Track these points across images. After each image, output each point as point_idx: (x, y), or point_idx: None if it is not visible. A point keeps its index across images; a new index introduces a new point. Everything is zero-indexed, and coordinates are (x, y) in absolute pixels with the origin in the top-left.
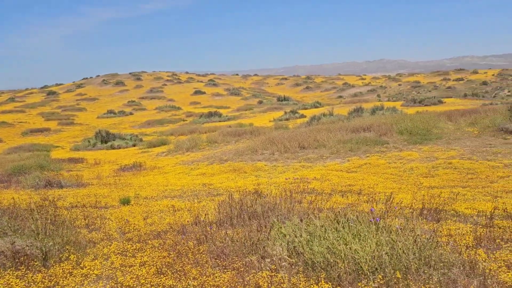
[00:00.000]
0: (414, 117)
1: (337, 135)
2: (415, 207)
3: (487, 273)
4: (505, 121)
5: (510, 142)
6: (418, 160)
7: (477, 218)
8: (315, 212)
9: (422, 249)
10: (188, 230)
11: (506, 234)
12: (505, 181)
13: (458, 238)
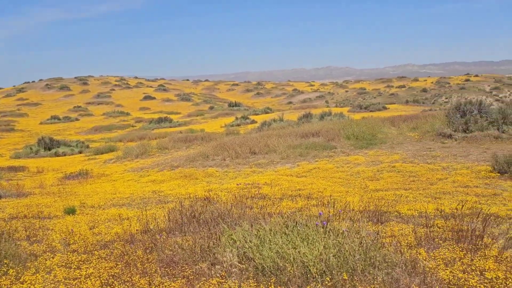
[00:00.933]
0: (360, 122)
1: (287, 140)
2: (361, 210)
3: (427, 271)
4: (443, 126)
5: (447, 146)
6: (364, 164)
7: (418, 219)
8: (266, 217)
9: (367, 251)
10: (136, 239)
11: (444, 233)
12: (443, 182)
13: (401, 238)
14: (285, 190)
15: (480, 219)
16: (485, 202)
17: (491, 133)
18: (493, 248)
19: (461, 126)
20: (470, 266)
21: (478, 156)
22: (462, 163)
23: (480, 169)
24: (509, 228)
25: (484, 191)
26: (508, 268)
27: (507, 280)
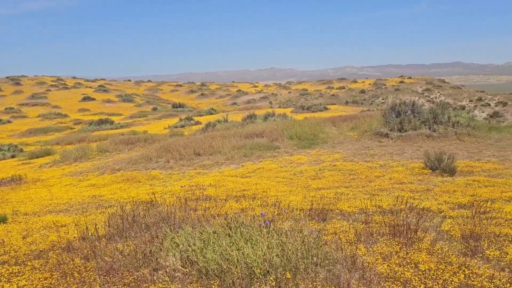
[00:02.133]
0: (303, 123)
1: (232, 141)
2: (304, 208)
3: (366, 266)
4: (380, 126)
5: (384, 145)
6: (307, 164)
7: (358, 215)
8: (210, 219)
9: (309, 249)
10: (74, 246)
11: (382, 228)
12: (380, 180)
13: (342, 235)
14: (230, 191)
15: (414, 213)
16: (418, 198)
17: (423, 132)
18: (426, 241)
19: (396, 126)
20: (405, 259)
21: (412, 154)
22: (398, 160)
23: (414, 166)
24: (440, 222)
25: (418, 187)
26: (439, 259)
27: (438, 270)
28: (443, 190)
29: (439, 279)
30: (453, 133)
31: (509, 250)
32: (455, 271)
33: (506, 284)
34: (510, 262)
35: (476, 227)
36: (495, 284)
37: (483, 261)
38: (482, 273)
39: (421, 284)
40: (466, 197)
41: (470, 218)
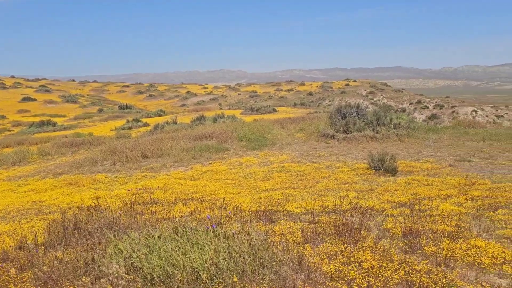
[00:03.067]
0: (252, 124)
1: (181, 143)
2: (253, 210)
3: (312, 267)
4: (326, 128)
5: (330, 146)
6: (256, 165)
7: (306, 216)
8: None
9: (256, 251)
10: (10, 256)
11: (328, 228)
12: (327, 180)
13: (289, 236)
14: (178, 194)
15: (359, 213)
16: (363, 197)
17: (367, 133)
18: (370, 240)
19: (342, 127)
20: (350, 258)
21: (357, 154)
22: (344, 161)
23: (358, 167)
24: (383, 220)
25: (362, 187)
26: (381, 257)
27: (381, 268)
28: (386, 189)
29: (381, 276)
30: (394, 135)
31: (444, 245)
32: (396, 268)
33: (442, 278)
34: (445, 257)
35: (415, 224)
36: (432, 279)
37: (422, 257)
38: (420, 269)
39: (364, 283)
40: (406, 196)
41: (410, 216)
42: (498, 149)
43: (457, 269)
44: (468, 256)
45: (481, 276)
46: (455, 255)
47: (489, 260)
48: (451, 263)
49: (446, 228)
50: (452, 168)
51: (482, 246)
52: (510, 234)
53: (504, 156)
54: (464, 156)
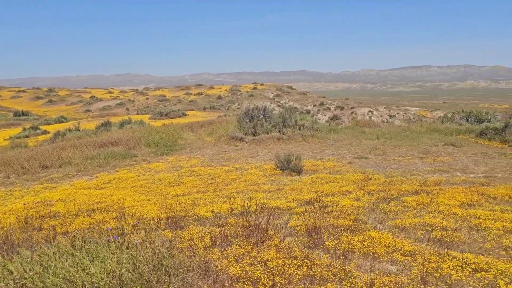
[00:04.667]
0: (161, 129)
1: (85, 151)
2: (161, 217)
3: (219, 270)
4: (235, 131)
5: (240, 148)
6: (166, 171)
7: (215, 219)
8: (53, 238)
9: (162, 259)
10: None
11: (237, 230)
12: (237, 183)
13: (198, 241)
14: (82, 205)
15: (266, 213)
16: (271, 197)
17: (274, 135)
18: (276, 239)
19: (250, 130)
20: (256, 259)
21: (265, 156)
22: (252, 163)
23: (266, 168)
24: (289, 218)
25: (270, 187)
26: (286, 255)
27: (285, 266)
28: (292, 188)
29: (285, 274)
30: (299, 135)
31: (344, 239)
32: (299, 264)
33: (340, 270)
34: (344, 250)
35: (318, 221)
36: (332, 272)
37: (324, 251)
38: (321, 263)
39: (269, 281)
40: (311, 194)
41: (314, 213)
42: (390, 146)
43: (355, 260)
44: (364, 247)
45: (375, 265)
46: (353, 247)
47: (382, 249)
48: (350, 255)
49: (346, 222)
50: (351, 166)
51: (376, 237)
52: (400, 224)
53: (395, 152)
54: (362, 153)
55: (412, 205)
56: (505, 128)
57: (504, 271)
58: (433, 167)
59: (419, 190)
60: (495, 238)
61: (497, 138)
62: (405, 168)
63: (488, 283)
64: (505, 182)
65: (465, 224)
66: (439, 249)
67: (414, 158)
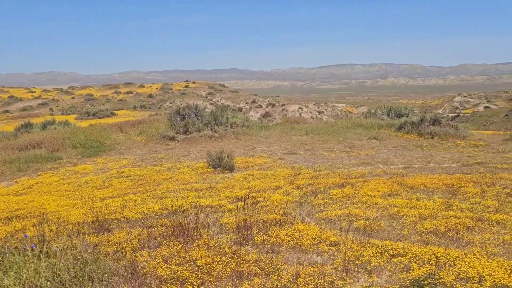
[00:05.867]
0: (88, 130)
1: (2, 154)
2: (88, 221)
3: (147, 272)
4: (166, 130)
5: (171, 148)
6: (93, 173)
7: (145, 221)
8: None
9: (85, 265)
10: None
11: (167, 230)
12: (168, 182)
13: (126, 244)
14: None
15: (198, 211)
16: (202, 196)
17: (206, 133)
18: (206, 237)
19: (182, 128)
20: (185, 258)
21: (197, 154)
22: (184, 162)
23: (198, 166)
24: (220, 216)
25: (202, 186)
26: (215, 252)
27: (214, 263)
28: (224, 186)
29: (214, 271)
30: (231, 133)
31: (273, 233)
32: (228, 261)
33: (268, 264)
34: (273, 244)
35: (249, 217)
36: (260, 266)
37: (253, 247)
38: (250, 258)
39: (197, 280)
40: (243, 190)
41: (245, 209)
42: (319, 141)
43: (282, 253)
44: (292, 240)
45: (302, 257)
46: (281, 241)
47: (309, 241)
48: (278, 248)
49: (276, 217)
50: (282, 161)
51: (303, 230)
52: (326, 216)
53: (323, 147)
54: (292, 149)
55: (338, 197)
56: (420, 122)
57: (418, 255)
58: (357, 160)
59: (344, 183)
60: (411, 224)
61: (414, 132)
62: (332, 162)
63: (404, 267)
64: (421, 172)
65: (386, 213)
66: (361, 238)
67: (341, 152)
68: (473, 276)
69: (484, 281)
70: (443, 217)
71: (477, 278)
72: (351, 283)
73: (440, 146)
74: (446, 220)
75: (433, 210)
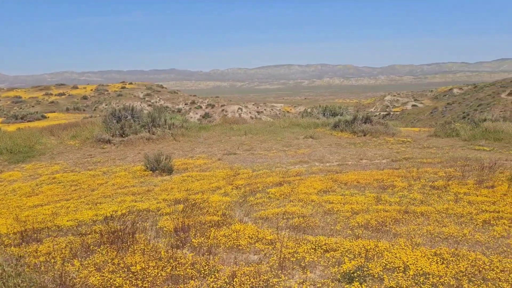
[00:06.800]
0: (15, 134)
1: None
2: (14, 232)
3: (77, 282)
4: (101, 132)
5: (107, 151)
6: (22, 180)
7: (78, 228)
8: None
9: (7, 279)
10: None
11: (102, 237)
12: (104, 187)
13: (56, 254)
14: None
15: (134, 216)
16: (140, 200)
17: (144, 135)
18: (142, 242)
19: (118, 131)
20: (119, 265)
21: (134, 157)
22: (121, 165)
23: (136, 169)
24: (158, 219)
25: (140, 189)
26: (151, 257)
27: (149, 269)
28: (162, 188)
29: (149, 277)
30: (170, 135)
31: (210, 234)
32: (164, 265)
33: (205, 266)
34: (210, 246)
35: (187, 219)
36: (196, 269)
37: (190, 249)
38: (186, 261)
39: (131, 286)
40: (181, 193)
41: (183, 211)
42: (257, 141)
43: (219, 254)
44: (229, 241)
45: (239, 257)
46: (218, 242)
47: (246, 241)
48: (215, 250)
49: (214, 218)
50: (221, 162)
51: (241, 230)
52: (264, 215)
53: (262, 146)
54: (231, 149)
55: (276, 196)
56: (353, 120)
57: (349, 249)
58: (295, 159)
59: (282, 181)
60: (344, 219)
61: (348, 130)
62: (270, 161)
63: (336, 261)
64: (354, 168)
65: (321, 209)
66: (297, 235)
67: (278, 151)
68: (399, 266)
69: (408, 270)
70: (374, 211)
71: (402, 267)
72: (285, 280)
73: (372, 143)
74: (376, 214)
75: (365, 205)
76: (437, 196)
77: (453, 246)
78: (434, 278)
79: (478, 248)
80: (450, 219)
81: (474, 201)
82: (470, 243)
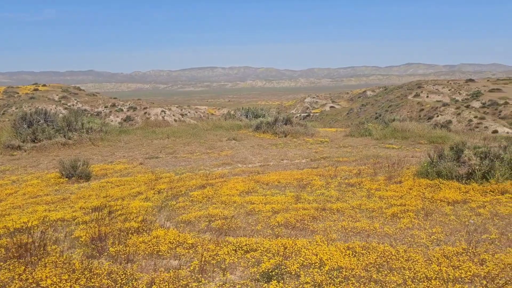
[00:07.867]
0: None
1: None
2: None
3: None
4: (11, 138)
5: (17, 158)
6: None
7: None
8: None
9: None
10: None
11: (8, 252)
12: (13, 197)
13: None
14: None
15: (47, 226)
16: (54, 209)
17: (59, 140)
18: (54, 254)
19: (29, 136)
20: (28, 280)
21: (48, 164)
22: (33, 173)
23: (50, 177)
24: (74, 229)
25: (54, 198)
26: (63, 270)
27: (61, 282)
28: (79, 196)
29: None
30: (88, 139)
31: (130, 241)
32: (78, 278)
33: (122, 275)
34: (129, 253)
35: (105, 227)
36: (113, 278)
37: (107, 259)
38: (102, 271)
39: None
40: (100, 200)
41: (101, 219)
42: (180, 144)
43: (138, 262)
44: (149, 247)
45: (159, 263)
46: (137, 249)
47: (166, 246)
48: (134, 257)
49: (133, 224)
50: (142, 166)
51: (162, 235)
52: (186, 218)
53: (185, 149)
54: (153, 153)
55: (199, 199)
56: (275, 122)
57: (269, 248)
58: (218, 161)
59: (205, 184)
60: (265, 219)
61: (270, 131)
62: (194, 164)
63: (255, 261)
64: (275, 169)
65: (243, 210)
66: (218, 238)
67: (202, 154)
68: (315, 262)
69: (324, 265)
70: (293, 210)
71: (318, 263)
72: (205, 283)
73: (292, 143)
74: (296, 213)
75: (285, 204)
76: (351, 193)
77: (364, 240)
78: (346, 271)
79: (386, 240)
80: (362, 214)
81: (384, 196)
82: (379, 236)
